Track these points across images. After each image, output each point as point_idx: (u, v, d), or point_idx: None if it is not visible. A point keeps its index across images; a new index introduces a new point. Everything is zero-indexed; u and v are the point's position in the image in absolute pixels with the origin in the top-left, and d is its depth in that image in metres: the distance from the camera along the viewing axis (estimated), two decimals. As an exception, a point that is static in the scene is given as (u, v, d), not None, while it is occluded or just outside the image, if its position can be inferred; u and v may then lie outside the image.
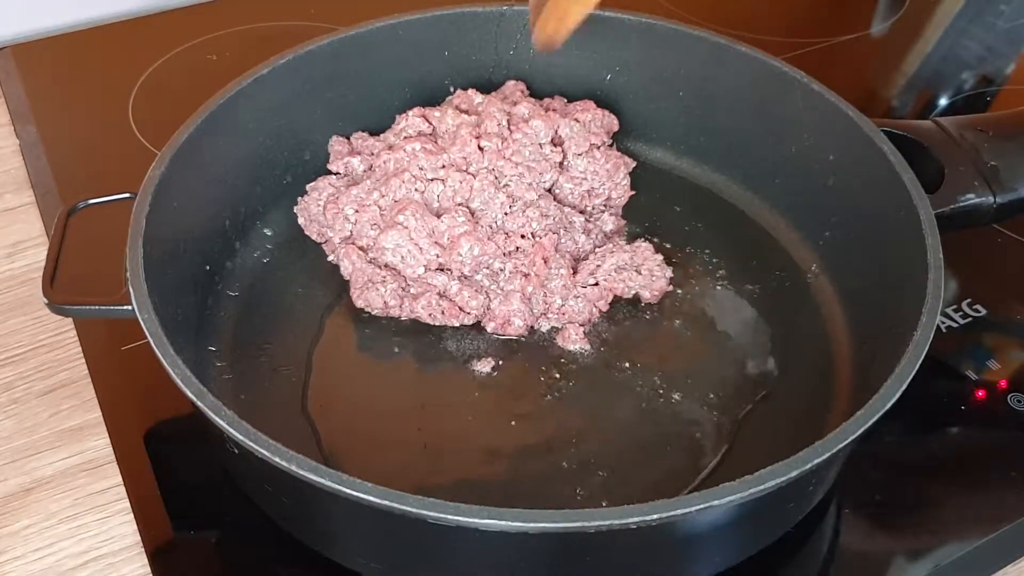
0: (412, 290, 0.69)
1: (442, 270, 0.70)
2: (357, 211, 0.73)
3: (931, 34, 1.09)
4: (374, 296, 0.69)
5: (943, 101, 0.98)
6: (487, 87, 0.83)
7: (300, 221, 0.76)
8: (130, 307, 0.56)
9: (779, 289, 0.73)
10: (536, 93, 0.84)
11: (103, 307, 0.59)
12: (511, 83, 0.83)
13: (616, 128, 0.81)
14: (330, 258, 0.74)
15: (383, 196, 0.72)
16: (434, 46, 0.81)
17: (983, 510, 0.62)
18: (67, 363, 0.70)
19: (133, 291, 0.56)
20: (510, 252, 0.70)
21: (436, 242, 0.69)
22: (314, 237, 0.75)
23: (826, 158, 0.72)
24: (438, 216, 0.71)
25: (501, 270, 0.70)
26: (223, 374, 0.67)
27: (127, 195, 0.65)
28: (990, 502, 0.62)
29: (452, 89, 0.83)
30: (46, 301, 0.59)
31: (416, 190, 0.72)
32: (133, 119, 0.92)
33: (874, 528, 0.61)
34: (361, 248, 0.72)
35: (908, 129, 0.70)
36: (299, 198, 0.76)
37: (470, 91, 0.80)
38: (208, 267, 0.71)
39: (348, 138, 0.80)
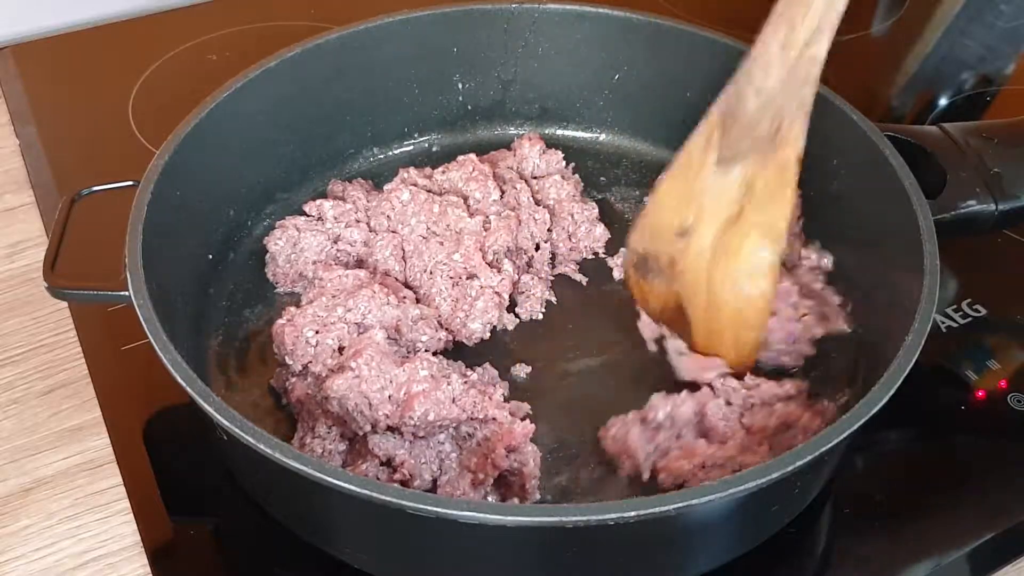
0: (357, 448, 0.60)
1: (393, 430, 0.59)
2: (318, 332, 0.63)
3: (931, 34, 1.09)
4: (315, 446, 0.59)
5: (943, 101, 0.98)
6: (495, 84, 0.84)
7: (267, 257, 0.73)
8: (127, 293, 0.56)
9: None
10: (547, 92, 0.85)
11: (100, 291, 0.59)
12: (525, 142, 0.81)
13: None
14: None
15: (349, 311, 0.64)
16: (443, 43, 0.81)
17: (983, 510, 0.62)
18: (67, 363, 0.70)
19: (130, 276, 0.57)
20: (482, 419, 0.60)
21: (390, 396, 0.59)
22: (269, 277, 0.72)
23: (830, 162, 0.72)
24: (407, 354, 0.64)
25: (469, 435, 0.60)
26: (223, 364, 0.67)
27: (130, 183, 0.65)
28: (990, 502, 0.62)
29: (460, 86, 0.83)
30: (46, 285, 0.60)
31: (389, 304, 0.65)
32: (133, 119, 0.91)
33: (874, 528, 0.61)
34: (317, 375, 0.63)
35: (912, 134, 0.70)
36: (270, 232, 0.73)
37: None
38: (211, 256, 0.71)
39: (350, 182, 0.78)
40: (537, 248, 0.75)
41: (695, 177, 0.62)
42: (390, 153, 0.85)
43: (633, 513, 0.46)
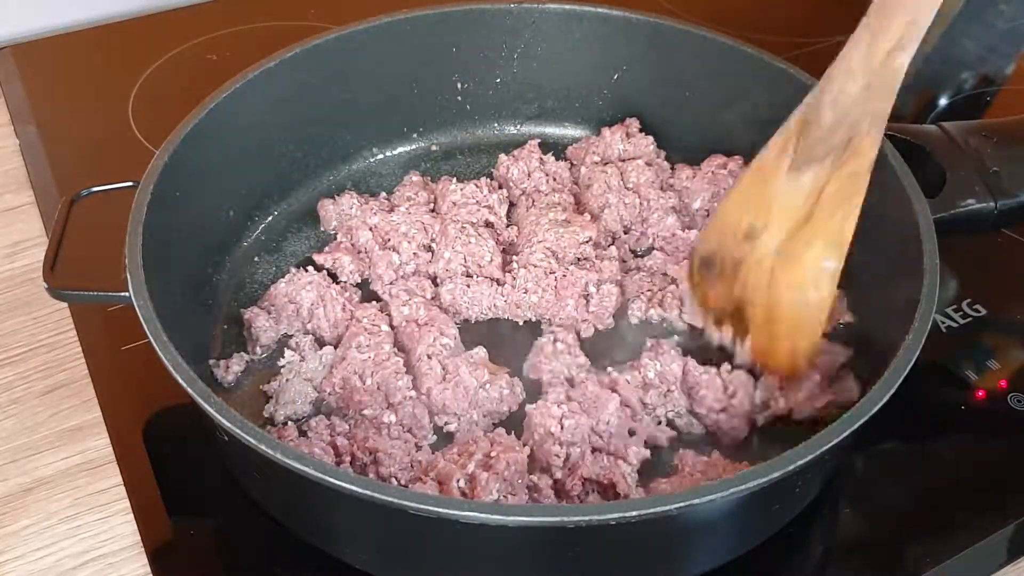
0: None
1: None
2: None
3: (931, 34, 1.08)
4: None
5: (943, 101, 0.98)
6: (495, 84, 0.84)
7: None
8: (127, 293, 0.56)
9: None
10: (546, 92, 0.85)
11: (101, 292, 0.59)
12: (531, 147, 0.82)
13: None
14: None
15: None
16: (442, 43, 0.81)
17: (983, 510, 0.61)
18: (67, 363, 0.70)
19: (131, 277, 0.57)
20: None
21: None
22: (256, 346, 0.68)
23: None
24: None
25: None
26: (222, 364, 0.67)
27: (130, 183, 0.65)
28: (990, 502, 0.62)
29: (460, 86, 0.83)
30: (46, 286, 0.60)
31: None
32: (133, 119, 0.91)
33: (874, 528, 0.61)
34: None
35: (911, 133, 0.70)
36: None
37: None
38: (211, 256, 0.71)
39: (334, 198, 0.77)
40: (626, 231, 0.77)
41: (767, 182, 0.62)
42: (390, 153, 0.85)
43: (634, 513, 0.46)
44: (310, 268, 0.71)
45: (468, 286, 0.69)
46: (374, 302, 0.70)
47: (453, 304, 0.69)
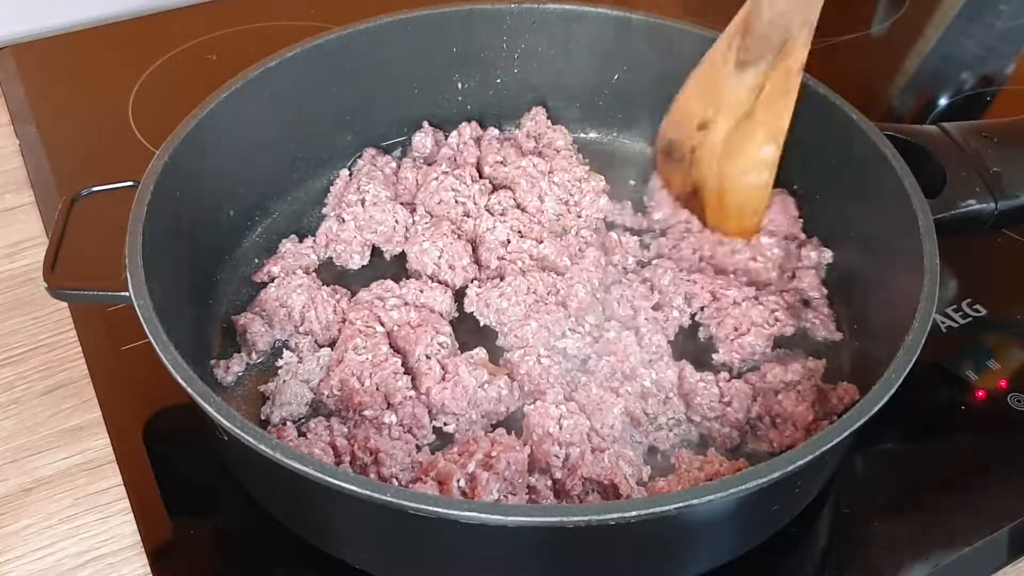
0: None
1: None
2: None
3: (931, 34, 1.09)
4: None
5: (943, 101, 0.98)
6: (495, 84, 0.84)
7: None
8: (127, 293, 0.56)
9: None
10: (546, 92, 0.85)
11: (101, 291, 0.59)
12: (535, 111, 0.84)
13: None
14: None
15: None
16: (442, 43, 0.81)
17: (983, 510, 0.62)
18: (67, 363, 0.70)
19: (131, 277, 0.57)
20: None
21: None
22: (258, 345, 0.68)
23: (830, 162, 0.72)
24: None
25: None
26: (222, 364, 0.67)
27: (130, 183, 0.65)
28: (990, 502, 0.62)
29: (460, 85, 0.84)
30: (46, 285, 0.60)
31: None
32: (133, 119, 0.91)
33: (874, 528, 0.61)
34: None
35: (912, 134, 0.70)
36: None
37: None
38: (211, 257, 0.71)
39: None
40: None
41: (717, 76, 0.70)
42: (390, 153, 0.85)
43: (634, 513, 0.46)
44: (298, 271, 0.71)
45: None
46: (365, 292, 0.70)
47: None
